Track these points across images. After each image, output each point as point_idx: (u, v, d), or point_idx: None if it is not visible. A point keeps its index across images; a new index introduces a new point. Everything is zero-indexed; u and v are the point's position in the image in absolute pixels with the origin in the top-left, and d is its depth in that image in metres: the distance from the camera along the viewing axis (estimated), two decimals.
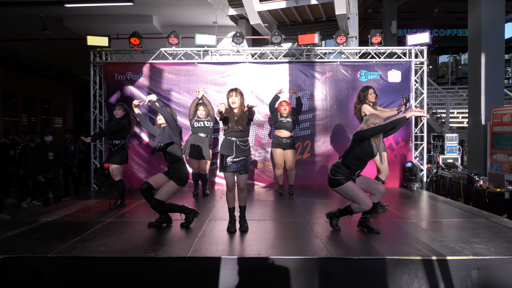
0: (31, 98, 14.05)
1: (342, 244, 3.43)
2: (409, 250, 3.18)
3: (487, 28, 7.42)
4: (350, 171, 3.68)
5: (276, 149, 5.74)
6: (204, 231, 3.83)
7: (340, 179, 3.65)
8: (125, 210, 4.85)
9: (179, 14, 8.40)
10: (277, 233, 3.78)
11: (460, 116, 11.73)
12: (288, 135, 5.69)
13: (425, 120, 6.90)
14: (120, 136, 4.97)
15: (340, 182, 3.64)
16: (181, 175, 3.95)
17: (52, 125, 15.23)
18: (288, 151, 5.72)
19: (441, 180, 6.70)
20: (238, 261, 3.01)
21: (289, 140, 5.70)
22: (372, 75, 6.78)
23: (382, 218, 4.46)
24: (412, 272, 2.95)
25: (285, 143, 5.69)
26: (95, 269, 3.03)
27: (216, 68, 6.86)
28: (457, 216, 4.52)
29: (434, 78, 17.50)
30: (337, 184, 3.66)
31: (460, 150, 7.23)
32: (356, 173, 3.72)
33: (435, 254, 3.08)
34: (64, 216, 4.50)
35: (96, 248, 3.24)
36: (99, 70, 6.96)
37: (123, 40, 7.35)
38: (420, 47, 6.82)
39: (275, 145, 5.74)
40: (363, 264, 2.99)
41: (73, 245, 3.33)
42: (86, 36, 6.64)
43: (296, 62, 6.87)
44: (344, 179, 3.64)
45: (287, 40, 9.16)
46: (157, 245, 3.34)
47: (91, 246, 3.30)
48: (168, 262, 3.03)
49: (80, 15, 8.31)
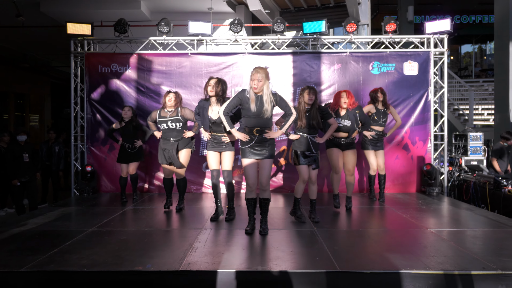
0: (4, 92, 14.04)
1: (352, 256, 3.42)
2: (428, 263, 3.16)
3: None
4: None
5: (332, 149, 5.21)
6: (198, 241, 3.82)
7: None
8: (110, 218, 4.85)
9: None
10: (280, 244, 3.77)
11: (486, 113, 11.73)
12: (346, 135, 5.19)
13: (445, 118, 6.89)
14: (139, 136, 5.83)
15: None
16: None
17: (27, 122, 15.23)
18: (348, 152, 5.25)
19: (464, 185, 6.69)
20: (237, 275, 3.00)
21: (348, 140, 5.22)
22: (386, 67, 6.78)
23: (397, 227, 4.45)
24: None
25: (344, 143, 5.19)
26: (75, 285, 3.02)
27: (211, 60, 6.85)
28: (483, 225, 4.51)
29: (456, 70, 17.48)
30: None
31: (486, 151, 7.23)
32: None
33: (458, 268, 3.07)
34: (41, 225, 4.48)
35: (77, 261, 3.22)
36: (81, 62, 6.96)
37: (107, 28, 7.35)
38: (440, 36, 6.81)
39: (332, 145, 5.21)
40: (376, 279, 2.98)
41: (51, 258, 3.31)
42: (65, 23, 6.63)
43: (301, 53, 6.87)
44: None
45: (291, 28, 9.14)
46: (145, 258, 3.33)
47: (71, 259, 3.28)
48: (157, 276, 3.02)
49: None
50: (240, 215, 5.02)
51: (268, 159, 4.00)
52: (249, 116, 3.96)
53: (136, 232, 4.18)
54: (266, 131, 3.97)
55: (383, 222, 4.77)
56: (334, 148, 5.14)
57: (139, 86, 6.81)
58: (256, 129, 3.94)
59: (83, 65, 6.92)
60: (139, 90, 6.83)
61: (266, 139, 3.98)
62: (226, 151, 4.64)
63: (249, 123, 3.97)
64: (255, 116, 3.93)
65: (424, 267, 3.08)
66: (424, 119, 6.75)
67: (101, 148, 6.83)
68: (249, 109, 3.91)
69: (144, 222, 4.64)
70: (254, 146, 3.97)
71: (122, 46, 7.01)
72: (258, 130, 3.95)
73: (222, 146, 4.62)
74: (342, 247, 3.66)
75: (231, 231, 4.25)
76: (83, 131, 6.94)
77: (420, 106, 6.73)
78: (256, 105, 3.90)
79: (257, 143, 3.97)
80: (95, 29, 6.92)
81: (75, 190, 6.80)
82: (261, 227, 4.11)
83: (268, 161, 4.01)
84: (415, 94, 6.72)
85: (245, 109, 3.95)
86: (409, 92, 6.72)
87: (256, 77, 3.88)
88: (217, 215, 4.73)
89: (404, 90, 6.73)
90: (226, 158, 4.67)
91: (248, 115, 3.96)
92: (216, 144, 4.64)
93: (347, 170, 5.24)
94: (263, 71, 3.93)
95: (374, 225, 4.57)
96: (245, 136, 3.96)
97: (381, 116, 5.73)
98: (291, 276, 2.99)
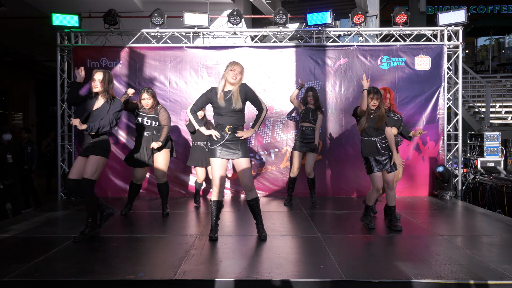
0: None
1: (359, 264, 3.44)
2: (441, 272, 3.18)
3: None
4: None
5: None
6: (194, 248, 3.84)
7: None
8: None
9: None
10: (282, 251, 3.79)
11: (503, 111, 11.75)
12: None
13: (460, 116, 6.91)
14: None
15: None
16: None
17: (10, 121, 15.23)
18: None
19: (479, 188, 6.71)
20: (235, 284, 3.01)
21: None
22: (396, 61, 6.80)
23: (408, 234, 4.47)
24: None
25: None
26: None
27: (208, 54, 6.87)
28: (499, 232, 4.52)
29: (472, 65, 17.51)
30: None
31: (503, 152, 7.24)
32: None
33: (473, 277, 3.08)
34: (25, 232, 4.50)
35: (64, 270, 3.24)
36: (68, 56, 6.98)
37: (96, 19, 7.36)
38: (454, 28, 6.83)
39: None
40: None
41: (36, 267, 3.32)
42: (51, 14, 6.65)
43: (305, 46, 6.89)
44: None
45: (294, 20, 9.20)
46: (138, 266, 3.35)
47: (57, 268, 3.30)
48: (151, 286, 3.03)
49: None
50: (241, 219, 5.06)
51: (244, 158, 4.05)
52: (220, 114, 4.05)
53: (128, 239, 4.20)
54: (238, 131, 4.04)
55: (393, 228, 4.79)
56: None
57: (130, 82, 6.83)
58: (228, 127, 4.01)
59: (70, 59, 6.94)
60: (130, 86, 6.82)
61: (238, 138, 4.04)
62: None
63: (220, 120, 4.06)
64: (226, 113, 4.02)
65: (436, 276, 3.10)
66: (437, 117, 6.77)
67: None
68: (218, 106, 4.00)
69: (136, 228, 4.66)
70: (226, 145, 4.03)
71: (112, 39, 7.03)
72: (230, 128, 4.01)
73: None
74: (348, 254, 3.69)
75: (229, 237, 4.26)
76: (70, 131, 6.96)
77: (432, 103, 6.75)
78: (225, 101, 3.99)
79: (228, 142, 4.02)
80: (83, 20, 6.94)
81: (62, 194, 6.82)
82: (259, 232, 4.16)
83: (245, 160, 4.06)
84: (427, 90, 6.74)
85: (216, 106, 4.04)
86: (420, 89, 6.74)
87: (236, 69, 4.01)
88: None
89: (415, 86, 6.75)
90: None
91: (219, 113, 4.05)
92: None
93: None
94: (241, 65, 4.09)
95: (383, 231, 4.59)
96: (217, 133, 4.02)
97: (310, 114, 5.77)
98: (293, 286, 3.01)
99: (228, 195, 6.74)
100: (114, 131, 6.78)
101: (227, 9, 8.63)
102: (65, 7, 8.36)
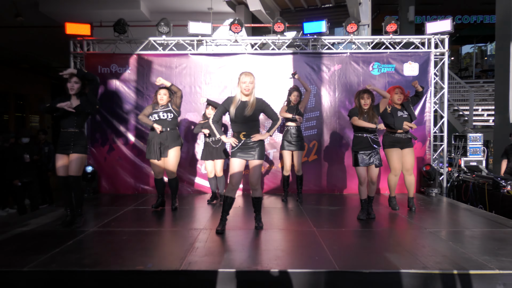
0: (4, 93, 14.07)
1: (351, 256, 3.46)
2: (427, 263, 3.21)
3: None
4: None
5: (393, 149, 5.16)
6: (199, 241, 3.87)
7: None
8: (111, 218, 4.89)
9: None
10: (280, 244, 3.82)
11: (485, 114, 11.78)
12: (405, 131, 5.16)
13: (445, 119, 6.94)
14: None
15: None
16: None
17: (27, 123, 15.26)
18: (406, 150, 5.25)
19: (463, 185, 6.74)
20: (237, 274, 3.04)
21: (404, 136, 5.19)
22: (386, 67, 6.83)
23: (396, 228, 4.50)
24: (430, 287, 2.99)
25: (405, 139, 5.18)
26: (76, 284, 3.06)
27: (211, 60, 6.90)
28: (481, 226, 4.55)
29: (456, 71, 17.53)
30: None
31: (485, 152, 7.27)
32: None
33: (456, 267, 3.11)
34: (42, 226, 4.52)
35: (78, 261, 3.27)
36: (80, 62, 7.00)
37: (107, 28, 7.37)
38: (440, 36, 6.86)
39: (391, 144, 5.16)
40: (375, 278, 3.03)
41: (52, 258, 3.35)
42: (65, 23, 6.67)
43: (301, 53, 6.91)
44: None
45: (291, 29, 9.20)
46: (146, 257, 3.37)
47: (72, 259, 3.32)
48: (158, 276, 3.06)
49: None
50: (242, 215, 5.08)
51: (257, 160, 4.15)
52: (234, 122, 4.16)
53: (137, 232, 4.22)
54: (253, 136, 4.13)
55: (382, 222, 4.82)
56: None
57: (138, 87, 6.86)
58: (242, 134, 4.14)
59: (82, 65, 6.96)
60: (138, 91, 6.87)
61: (253, 143, 4.15)
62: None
63: (234, 128, 4.20)
64: (239, 122, 4.12)
65: (422, 266, 3.12)
66: (424, 120, 6.80)
67: (101, 149, 6.87)
68: (234, 115, 4.10)
69: (144, 222, 4.68)
70: (242, 148, 4.16)
71: (122, 46, 7.05)
72: (244, 134, 4.14)
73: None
74: (341, 247, 3.71)
75: (231, 231, 4.29)
76: None
77: (420, 107, 6.78)
78: (239, 110, 4.08)
79: (244, 145, 4.15)
80: (95, 29, 6.96)
81: None
82: (257, 223, 4.39)
83: (257, 162, 4.16)
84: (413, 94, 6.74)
85: (232, 115, 4.13)
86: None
87: (247, 80, 4.07)
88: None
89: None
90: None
91: (233, 121, 4.15)
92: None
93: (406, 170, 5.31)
94: (252, 75, 4.14)
95: (373, 225, 4.62)
96: (235, 140, 4.16)
97: (294, 112, 5.73)
98: (290, 276, 3.04)
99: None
100: (124, 132, 6.81)
101: (229, 18, 8.64)
102: (78, 17, 8.40)
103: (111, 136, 6.83)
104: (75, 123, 4.33)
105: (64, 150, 4.31)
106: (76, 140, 4.32)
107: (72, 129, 4.31)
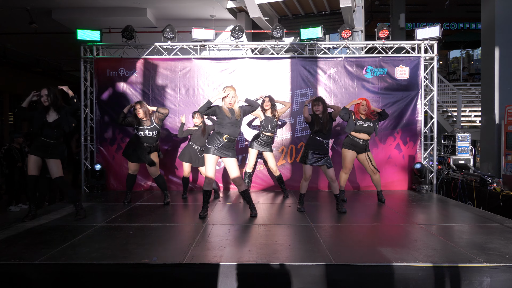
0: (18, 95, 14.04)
1: (347, 250, 3.43)
2: (418, 256, 3.18)
3: (502, 21, 7.44)
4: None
5: (349, 150, 5.39)
6: (201, 236, 3.83)
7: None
8: (118, 214, 4.86)
9: (174, 6, 8.41)
10: (278, 239, 3.79)
11: (473, 115, 11.74)
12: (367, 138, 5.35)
13: (435, 119, 6.90)
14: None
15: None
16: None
17: None
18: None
19: (452, 183, 6.71)
20: (237, 267, 3.01)
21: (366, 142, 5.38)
22: (379, 71, 6.80)
23: (389, 223, 4.47)
24: (421, 279, 2.96)
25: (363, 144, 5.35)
26: (85, 277, 3.03)
27: (213, 64, 6.86)
28: (469, 221, 4.52)
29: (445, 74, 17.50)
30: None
31: (473, 151, 7.24)
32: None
33: (446, 260, 3.08)
34: (53, 221, 4.50)
35: (87, 254, 3.24)
36: (90, 66, 6.97)
37: (115, 34, 7.35)
38: (430, 42, 6.83)
39: (348, 146, 5.39)
40: (369, 271, 2.99)
41: (62, 251, 3.32)
42: (76, 29, 6.65)
43: (299, 58, 6.88)
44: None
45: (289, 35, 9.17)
46: (151, 251, 3.34)
47: (81, 252, 3.30)
48: (163, 269, 3.03)
49: (69, 7, 8.32)
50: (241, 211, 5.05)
51: (233, 159, 4.51)
52: (222, 125, 4.44)
53: (143, 227, 4.19)
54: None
55: (376, 218, 4.79)
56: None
57: (145, 89, 6.83)
58: (225, 136, 4.44)
59: (92, 69, 6.93)
60: (144, 92, 6.84)
61: (231, 145, 4.50)
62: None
63: (223, 130, 4.45)
64: (229, 125, 4.45)
65: (414, 260, 3.09)
66: (415, 120, 6.77)
67: (109, 148, 6.85)
68: (224, 119, 4.41)
69: (150, 218, 4.65)
70: (219, 148, 4.45)
71: (129, 51, 7.03)
72: (227, 137, 4.44)
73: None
74: (337, 241, 3.68)
75: (232, 226, 4.26)
76: (92, 132, 6.95)
77: (411, 108, 6.75)
78: (229, 116, 4.43)
79: (223, 146, 4.45)
80: (104, 35, 6.93)
81: (85, 188, 6.81)
82: (251, 211, 4.67)
83: (234, 160, 4.50)
84: (406, 97, 6.74)
85: (221, 118, 4.43)
86: (400, 95, 6.74)
87: (230, 94, 4.41)
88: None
89: (396, 93, 6.74)
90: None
91: (223, 124, 4.44)
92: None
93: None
94: (233, 89, 4.47)
95: (368, 220, 4.59)
96: (222, 94, 4.41)
97: (269, 124, 5.75)
98: (289, 269, 3.01)
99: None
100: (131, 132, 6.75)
101: (230, 25, 8.63)
102: (88, 24, 8.39)
103: (119, 135, 6.80)
104: (54, 136, 4.40)
105: (40, 154, 4.38)
106: (53, 149, 4.42)
107: (50, 140, 4.40)
